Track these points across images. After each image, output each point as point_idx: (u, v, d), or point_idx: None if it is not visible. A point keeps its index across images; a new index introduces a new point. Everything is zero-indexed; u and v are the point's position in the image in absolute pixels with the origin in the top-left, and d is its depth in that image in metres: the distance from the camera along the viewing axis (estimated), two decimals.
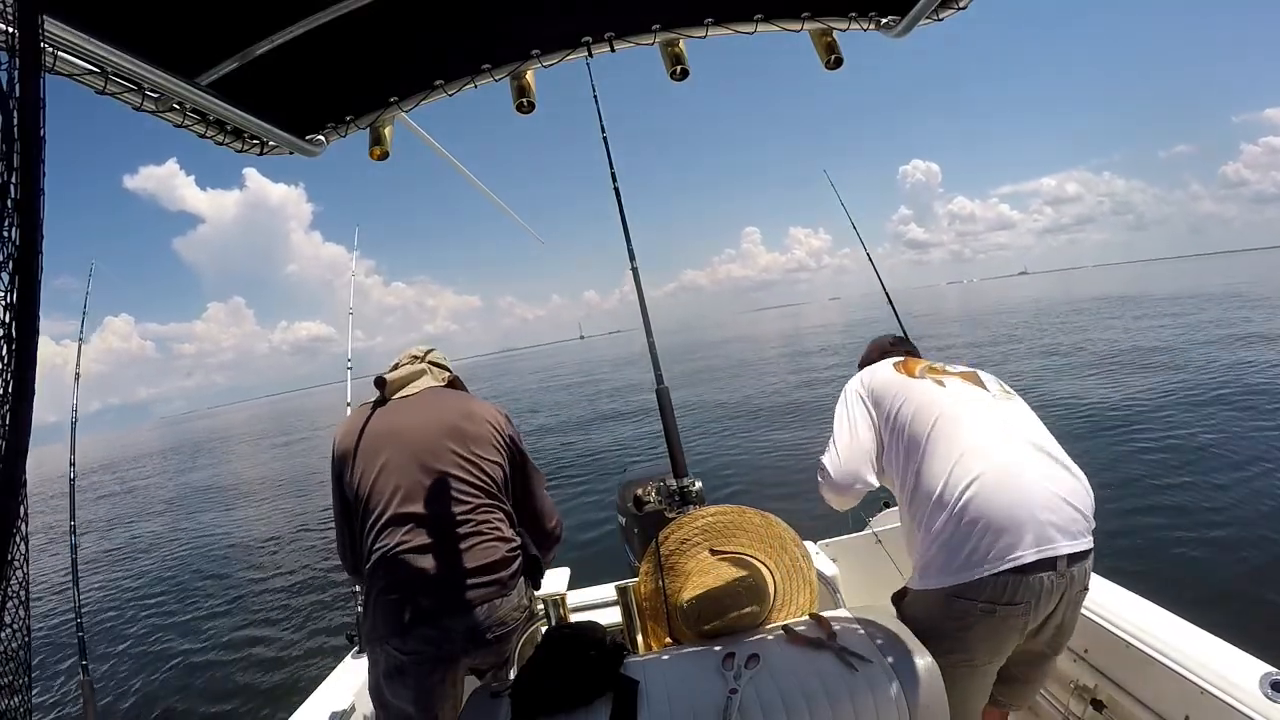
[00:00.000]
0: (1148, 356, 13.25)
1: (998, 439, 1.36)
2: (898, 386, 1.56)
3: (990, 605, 1.25)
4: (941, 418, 1.42)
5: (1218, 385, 9.41)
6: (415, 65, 1.65)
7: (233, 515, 12.58)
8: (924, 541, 1.34)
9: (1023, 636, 1.32)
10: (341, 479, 1.62)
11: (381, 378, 1.75)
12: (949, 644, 1.26)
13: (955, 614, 1.28)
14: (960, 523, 1.27)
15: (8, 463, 0.48)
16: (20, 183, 0.49)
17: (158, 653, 6.12)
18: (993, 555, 1.23)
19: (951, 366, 1.62)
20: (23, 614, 0.53)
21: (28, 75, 0.50)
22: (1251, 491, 5.46)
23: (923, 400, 1.48)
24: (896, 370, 1.62)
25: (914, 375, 1.58)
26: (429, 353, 1.86)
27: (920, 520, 1.36)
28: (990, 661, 1.34)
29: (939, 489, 1.32)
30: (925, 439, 1.40)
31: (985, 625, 1.27)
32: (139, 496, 18.64)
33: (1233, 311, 20.85)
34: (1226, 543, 4.63)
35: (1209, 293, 31.50)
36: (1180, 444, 6.96)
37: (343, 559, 1.70)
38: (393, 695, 1.50)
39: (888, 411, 1.53)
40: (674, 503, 1.71)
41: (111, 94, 1.21)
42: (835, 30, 1.76)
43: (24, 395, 0.49)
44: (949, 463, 1.33)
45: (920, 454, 1.39)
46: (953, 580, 1.27)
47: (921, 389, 1.52)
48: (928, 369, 1.60)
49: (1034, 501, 1.25)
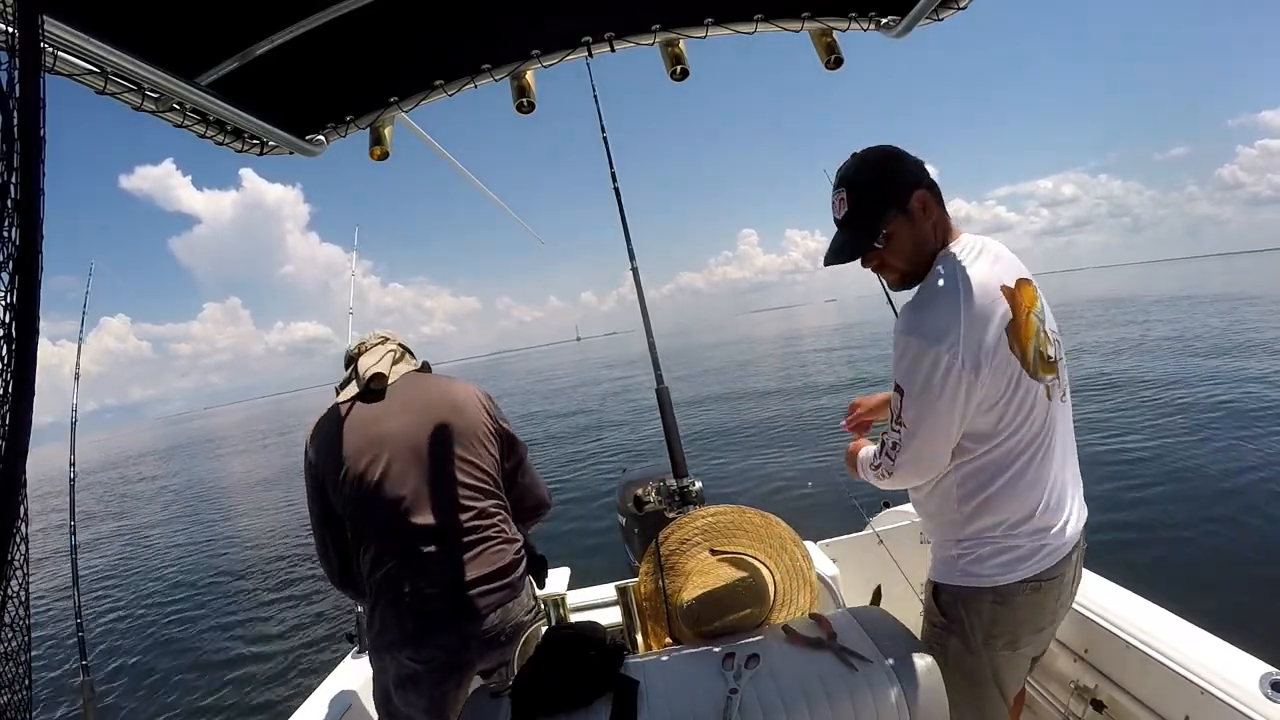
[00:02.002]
0: (1149, 351, 13.27)
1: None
2: (1012, 384, 1.13)
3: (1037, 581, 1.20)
4: (1042, 450, 1.18)
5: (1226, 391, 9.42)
6: (415, 65, 1.64)
7: (232, 515, 12.59)
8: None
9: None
10: (324, 488, 1.51)
11: (365, 374, 1.56)
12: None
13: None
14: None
15: (8, 463, 0.48)
16: (20, 183, 0.49)
17: (158, 653, 6.12)
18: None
19: (1049, 335, 1.20)
20: (23, 614, 0.53)
21: (28, 75, 0.50)
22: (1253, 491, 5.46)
23: (1036, 422, 1.16)
24: (1010, 345, 1.12)
25: (1028, 366, 1.14)
26: (388, 333, 1.74)
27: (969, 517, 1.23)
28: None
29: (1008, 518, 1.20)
30: (1014, 465, 1.18)
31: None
32: (138, 497, 18.64)
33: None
34: (1226, 541, 4.63)
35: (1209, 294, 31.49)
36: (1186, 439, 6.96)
37: (327, 570, 1.60)
38: (404, 704, 1.48)
39: (999, 421, 1.15)
40: (674, 503, 1.71)
41: (111, 94, 1.21)
42: (835, 30, 1.76)
43: (24, 395, 0.49)
44: (1030, 503, 1.19)
45: (1003, 479, 1.18)
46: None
47: (1034, 402, 1.16)
48: (1040, 357, 1.16)
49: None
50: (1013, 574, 1.21)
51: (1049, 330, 1.21)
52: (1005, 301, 1.13)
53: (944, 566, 1.30)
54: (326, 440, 1.52)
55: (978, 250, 1.19)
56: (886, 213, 1.19)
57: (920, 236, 1.20)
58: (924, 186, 1.19)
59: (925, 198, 1.19)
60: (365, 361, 1.60)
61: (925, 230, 1.20)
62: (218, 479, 19.79)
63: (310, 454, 1.55)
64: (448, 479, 1.50)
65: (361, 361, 1.61)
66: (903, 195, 1.19)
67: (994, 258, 1.20)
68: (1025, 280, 1.19)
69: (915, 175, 1.20)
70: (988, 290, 1.12)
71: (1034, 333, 1.15)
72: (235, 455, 28.98)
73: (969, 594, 1.25)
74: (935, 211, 1.20)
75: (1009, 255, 1.24)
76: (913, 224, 1.19)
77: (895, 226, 1.19)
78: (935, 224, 1.21)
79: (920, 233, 1.20)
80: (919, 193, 1.18)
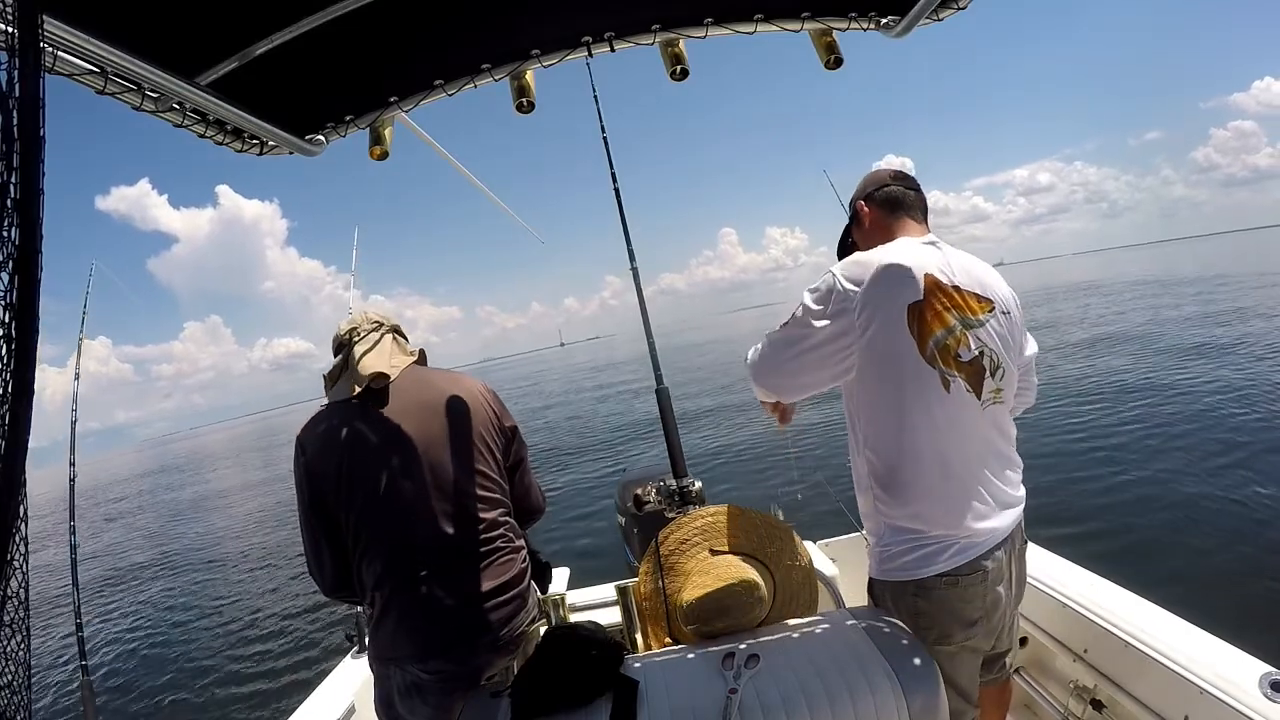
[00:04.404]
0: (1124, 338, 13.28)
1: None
2: (899, 356, 1.22)
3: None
4: (949, 445, 1.25)
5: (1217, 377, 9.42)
6: (415, 65, 1.64)
7: (229, 520, 12.60)
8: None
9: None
10: (323, 496, 1.43)
11: (365, 372, 1.45)
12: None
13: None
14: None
15: (8, 463, 0.48)
16: (20, 183, 0.49)
17: (157, 653, 6.13)
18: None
19: (971, 341, 1.25)
20: (23, 614, 0.53)
21: (28, 75, 0.50)
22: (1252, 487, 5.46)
23: (937, 412, 1.23)
24: (908, 322, 1.21)
25: (924, 352, 1.21)
26: (381, 316, 1.61)
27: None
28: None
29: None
30: (919, 456, 1.26)
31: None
32: (136, 514, 18.60)
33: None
34: (1227, 539, 4.63)
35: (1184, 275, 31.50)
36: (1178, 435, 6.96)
37: (318, 578, 1.51)
38: (408, 712, 1.45)
39: (892, 389, 1.24)
40: (674, 503, 1.71)
41: (111, 94, 1.21)
42: (835, 30, 1.76)
43: (24, 395, 0.49)
44: (938, 500, 1.26)
45: (909, 471, 1.27)
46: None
47: (931, 388, 1.23)
48: (944, 351, 1.23)
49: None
50: (926, 569, 1.26)
51: (981, 341, 1.27)
52: (920, 285, 1.23)
53: (873, 560, 1.38)
54: (327, 446, 1.44)
55: (916, 245, 1.33)
56: (851, 220, 1.53)
57: (864, 237, 1.47)
58: (864, 200, 1.46)
59: (861, 208, 1.47)
60: (361, 354, 1.49)
61: (867, 232, 1.46)
62: (209, 491, 19.81)
63: (306, 458, 1.44)
64: (457, 490, 1.44)
65: (357, 353, 1.49)
66: (853, 206, 1.50)
67: (935, 255, 1.30)
68: (974, 292, 1.28)
69: (862, 190, 1.48)
70: (903, 270, 1.24)
71: (945, 326, 1.23)
72: (224, 471, 29.02)
73: (893, 587, 1.32)
74: (877, 217, 1.44)
75: (970, 266, 1.32)
76: (860, 228, 1.49)
77: (855, 229, 1.52)
78: (879, 228, 1.43)
79: (864, 234, 1.48)
80: (859, 204, 1.48)
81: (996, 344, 1.29)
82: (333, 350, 1.57)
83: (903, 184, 1.43)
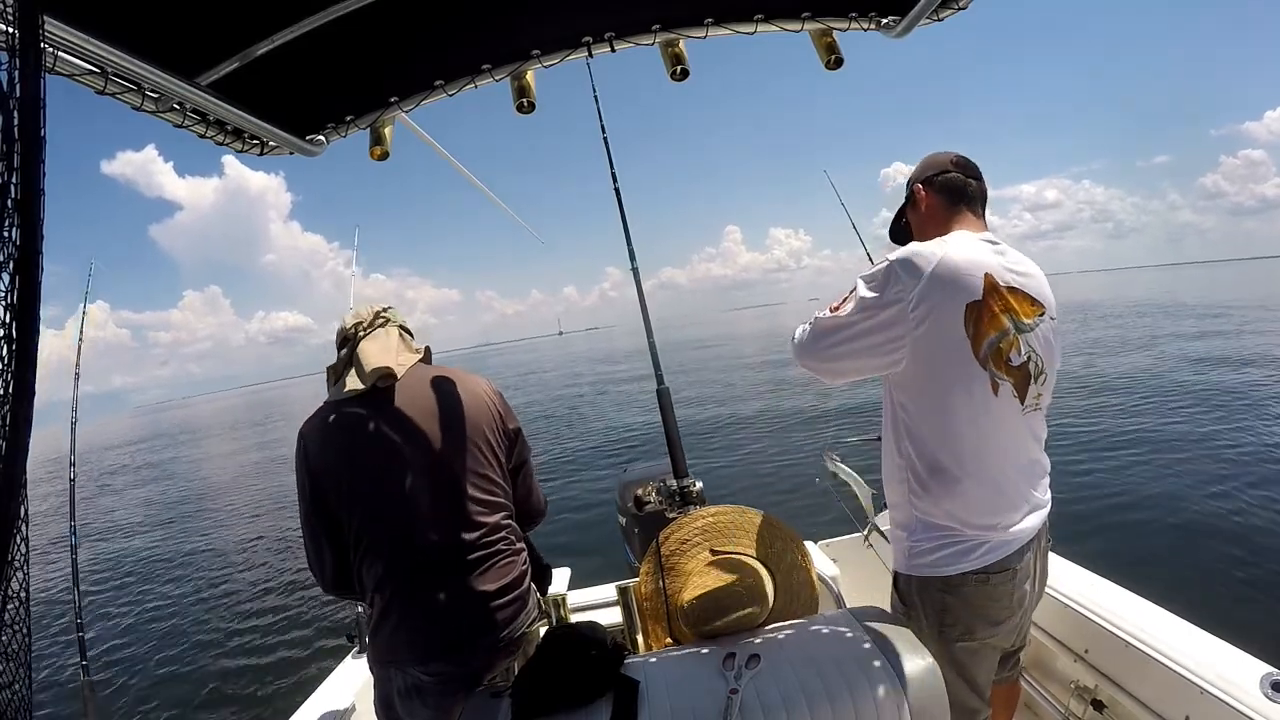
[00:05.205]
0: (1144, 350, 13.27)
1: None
2: (953, 357, 1.19)
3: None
4: (989, 444, 1.25)
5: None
6: (415, 65, 1.65)
7: (228, 514, 12.57)
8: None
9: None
10: (325, 495, 1.42)
11: (370, 369, 1.43)
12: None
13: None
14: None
15: (8, 463, 0.48)
16: (20, 183, 0.49)
17: (158, 653, 6.12)
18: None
19: (1021, 345, 1.23)
20: (23, 614, 0.53)
21: (28, 75, 0.50)
22: (1253, 491, 5.46)
23: (980, 413, 1.22)
24: (965, 322, 1.18)
25: (977, 353, 1.19)
26: (387, 310, 1.58)
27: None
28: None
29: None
30: (959, 455, 1.25)
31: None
32: (133, 489, 18.56)
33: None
34: (1225, 540, 4.63)
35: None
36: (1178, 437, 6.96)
37: (319, 576, 1.51)
38: (407, 713, 1.45)
39: (942, 392, 1.22)
40: (674, 503, 1.71)
41: (111, 94, 1.21)
42: (835, 30, 1.76)
43: (24, 395, 0.49)
44: (974, 498, 1.26)
45: (948, 469, 1.25)
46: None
47: (980, 390, 1.21)
48: (998, 354, 1.21)
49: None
50: (957, 566, 1.26)
51: (1030, 346, 1.24)
52: (979, 285, 1.19)
53: (900, 554, 1.36)
54: (330, 445, 1.43)
55: (976, 242, 1.28)
56: (906, 201, 1.48)
57: (919, 223, 1.42)
58: (922, 183, 1.40)
59: (919, 191, 1.40)
60: (367, 350, 1.47)
61: (923, 218, 1.40)
62: (211, 472, 19.78)
63: (309, 456, 1.43)
64: (460, 492, 1.43)
65: (362, 349, 1.47)
66: (910, 188, 1.45)
67: (994, 254, 1.26)
68: (1028, 296, 1.25)
69: (920, 173, 1.42)
70: (964, 268, 1.20)
71: (1000, 329, 1.20)
72: (220, 447, 28.97)
73: (920, 583, 1.31)
74: (935, 205, 1.38)
75: (1027, 269, 1.29)
76: (915, 211, 1.43)
77: (910, 211, 1.46)
78: (935, 217, 1.37)
79: (919, 219, 1.42)
80: (916, 187, 1.42)
81: (1042, 350, 1.27)
82: (336, 344, 1.55)
83: (965, 172, 1.37)
